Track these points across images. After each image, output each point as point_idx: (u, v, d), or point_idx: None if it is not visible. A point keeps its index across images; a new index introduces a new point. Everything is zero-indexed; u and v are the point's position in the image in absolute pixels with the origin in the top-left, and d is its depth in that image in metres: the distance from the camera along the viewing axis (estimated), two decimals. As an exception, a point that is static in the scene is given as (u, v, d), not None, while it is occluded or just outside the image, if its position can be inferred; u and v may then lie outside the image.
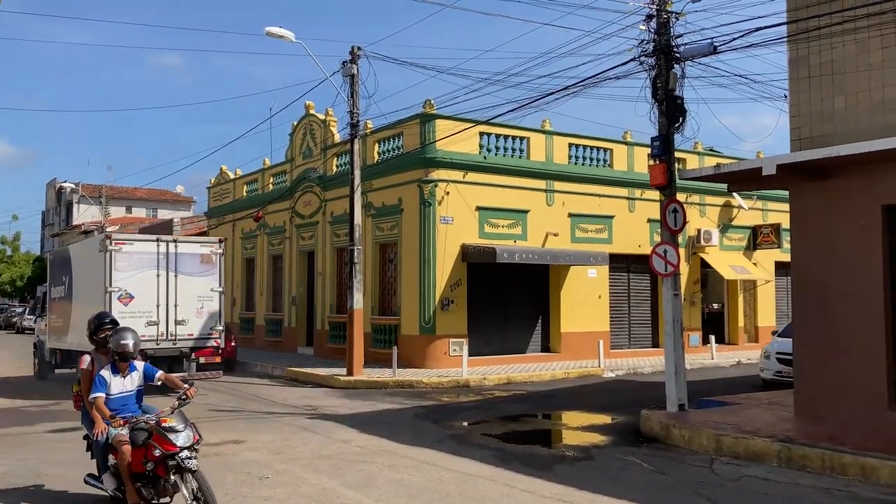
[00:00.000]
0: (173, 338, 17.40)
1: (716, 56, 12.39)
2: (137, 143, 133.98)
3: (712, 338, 24.37)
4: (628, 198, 24.61)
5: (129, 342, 7.13)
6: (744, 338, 27.30)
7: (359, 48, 19.32)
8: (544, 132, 23.14)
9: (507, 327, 22.72)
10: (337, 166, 25.41)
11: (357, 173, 19.87)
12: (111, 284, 16.70)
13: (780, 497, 8.19)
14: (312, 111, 27.13)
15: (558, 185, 23.13)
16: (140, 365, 7.37)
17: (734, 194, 25.48)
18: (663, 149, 12.91)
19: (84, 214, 62.96)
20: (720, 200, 26.60)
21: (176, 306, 17.30)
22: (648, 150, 15.17)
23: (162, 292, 17.26)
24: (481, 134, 21.77)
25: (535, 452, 10.81)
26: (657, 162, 13.05)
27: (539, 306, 23.36)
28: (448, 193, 21.08)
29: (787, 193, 12.31)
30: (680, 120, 12.88)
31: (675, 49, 12.80)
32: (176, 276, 17.41)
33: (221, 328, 18.18)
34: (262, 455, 10.40)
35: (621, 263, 24.55)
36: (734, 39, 11.96)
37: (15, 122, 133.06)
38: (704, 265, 26.37)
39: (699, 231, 25.82)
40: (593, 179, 23.86)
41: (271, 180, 30.35)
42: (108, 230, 47.26)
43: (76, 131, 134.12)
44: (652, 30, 12.90)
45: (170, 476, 6.70)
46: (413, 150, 21.36)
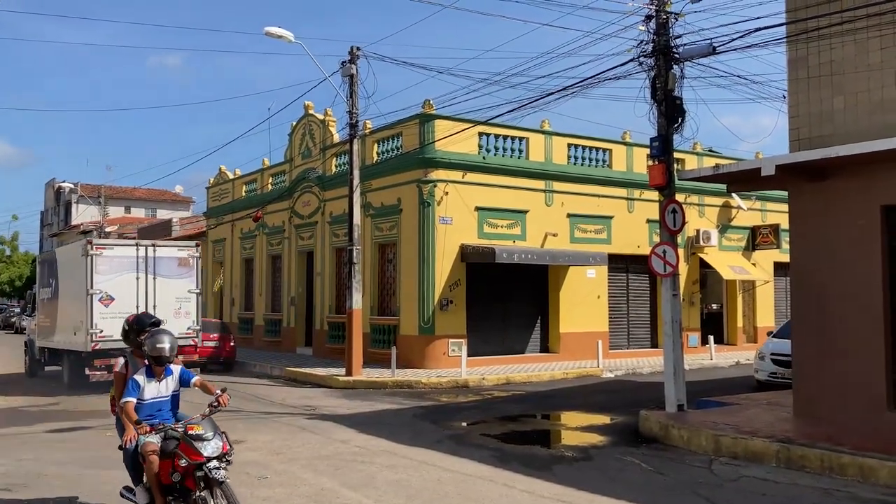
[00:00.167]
0: None
1: (715, 56, 12.40)
2: (136, 143, 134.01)
3: (711, 338, 24.39)
4: (627, 198, 24.62)
5: (166, 345, 6.58)
6: (743, 338, 27.32)
7: (358, 48, 19.33)
8: (543, 132, 23.15)
9: (506, 327, 22.73)
10: (336, 166, 25.41)
11: (356, 173, 19.88)
12: (92, 287, 17.38)
13: (779, 497, 8.19)
14: (311, 111, 27.12)
15: (557, 186, 23.13)
16: (176, 369, 6.86)
17: (733, 195, 25.50)
18: (662, 149, 12.92)
19: (83, 214, 62.94)
20: (719, 201, 26.61)
21: (155, 307, 17.77)
22: (647, 151, 15.21)
23: (141, 294, 17.91)
24: (480, 134, 21.78)
25: (534, 453, 10.81)
26: (656, 162, 13.05)
27: (538, 307, 23.37)
28: (447, 194, 21.08)
29: (787, 194, 12.32)
30: (679, 120, 12.88)
31: (675, 49, 12.81)
32: (154, 279, 18.07)
33: (199, 328, 18.85)
34: (261, 455, 10.39)
35: (620, 264, 24.56)
36: (733, 40, 11.97)
37: (14, 122, 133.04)
38: (703, 265, 26.39)
39: (698, 231, 25.84)
40: (592, 180, 23.87)
41: (270, 180, 30.34)
42: (107, 230, 47.35)
43: (75, 131, 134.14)
44: (651, 30, 12.91)
45: (198, 489, 6.18)
46: (412, 151, 21.36)
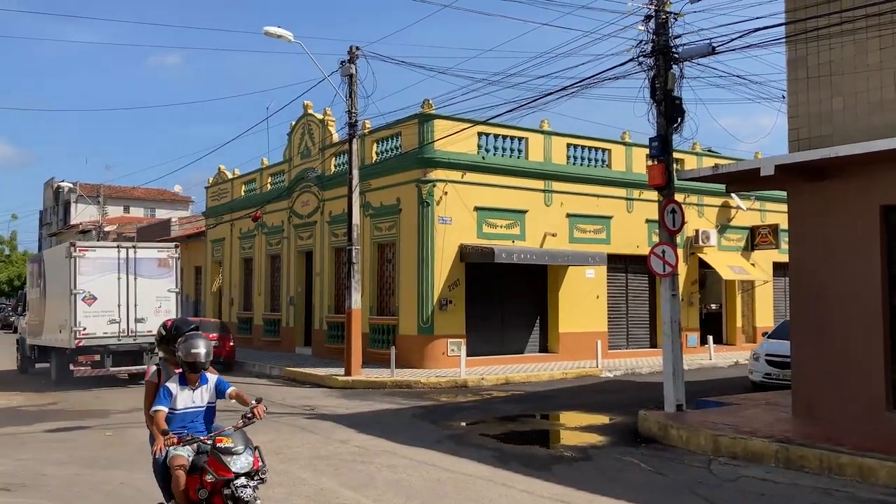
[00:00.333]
0: (134, 334, 18.84)
1: (714, 56, 12.41)
2: (135, 143, 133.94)
3: (710, 338, 24.40)
4: (626, 198, 24.62)
5: (201, 350, 6.00)
6: (742, 338, 27.33)
7: (357, 48, 19.33)
8: (543, 132, 23.15)
9: (506, 327, 22.72)
10: (335, 166, 25.41)
11: (355, 173, 19.88)
12: (76, 287, 18.22)
13: (778, 497, 8.20)
14: (311, 111, 27.11)
15: (557, 186, 23.13)
16: (212, 378, 6.24)
17: (732, 195, 25.50)
18: (662, 149, 12.92)
19: (82, 214, 62.89)
20: (718, 201, 26.62)
21: (136, 306, 18.72)
22: (647, 151, 15.23)
23: (122, 293, 18.70)
24: (480, 134, 21.77)
25: (534, 453, 10.82)
26: (655, 162, 13.06)
27: (537, 306, 23.37)
28: (446, 193, 21.08)
29: (786, 194, 12.33)
30: (678, 120, 12.89)
31: (674, 49, 12.81)
32: (135, 279, 18.84)
33: None
34: (261, 455, 10.37)
35: (619, 264, 24.56)
36: (733, 40, 11.98)
37: (13, 122, 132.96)
38: (703, 265, 26.40)
39: (697, 231, 25.85)
40: (591, 180, 23.87)
41: (269, 180, 30.33)
42: (106, 230, 47.35)
43: (74, 130, 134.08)
44: (650, 30, 12.91)
45: None
46: (411, 150, 21.35)
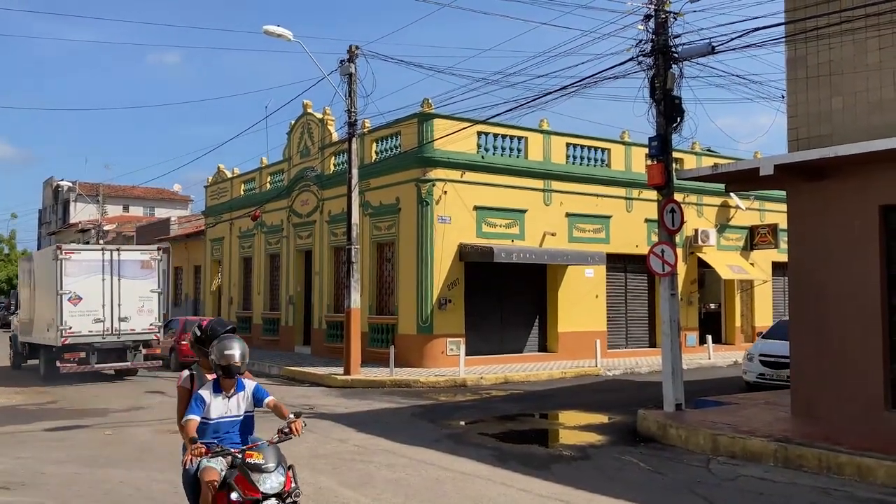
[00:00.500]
0: (118, 333, 19.67)
1: (714, 56, 12.41)
2: (135, 142, 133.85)
3: (709, 338, 24.42)
4: (626, 198, 24.63)
5: (235, 352, 5.49)
6: (741, 338, 27.34)
7: (357, 47, 19.32)
8: (542, 132, 23.15)
9: (505, 327, 22.73)
10: (334, 165, 25.41)
11: (355, 172, 19.87)
12: (62, 288, 19.00)
13: (777, 497, 8.20)
14: (310, 110, 27.10)
15: (556, 185, 23.13)
16: (249, 385, 5.71)
17: (732, 194, 25.50)
18: (661, 149, 12.93)
19: (81, 213, 62.83)
20: (717, 200, 26.63)
21: (119, 305, 19.53)
22: (646, 150, 15.23)
23: (107, 294, 19.48)
24: (479, 133, 21.78)
25: (533, 452, 10.82)
26: (655, 162, 13.06)
27: (536, 306, 23.37)
28: (446, 193, 21.08)
29: (785, 194, 12.34)
30: (678, 120, 12.90)
31: (673, 49, 12.82)
32: (119, 280, 19.62)
33: (161, 324, 20.67)
34: (260, 454, 10.37)
35: (619, 263, 24.57)
36: (732, 39, 11.98)
37: (13, 121, 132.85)
38: (702, 265, 26.41)
39: (697, 231, 25.85)
40: (591, 179, 23.87)
41: (269, 179, 30.33)
42: (105, 229, 47.33)
43: (74, 130, 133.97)
44: (650, 30, 12.92)
45: None
46: (411, 150, 21.35)
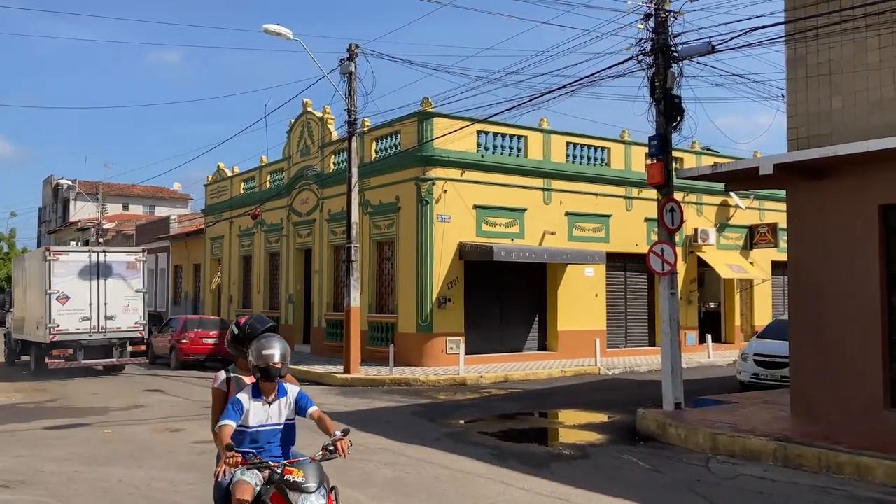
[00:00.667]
0: (104, 330, 20.48)
1: (714, 55, 12.41)
2: (135, 141, 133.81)
3: (709, 337, 24.44)
4: (625, 197, 24.63)
5: (276, 351, 4.85)
6: (740, 337, 27.34)
7: (356, 46, 19.31)
8: (542, 131, 23.14)
9: (504, 325, 22.73)
10: (334, 164, 25.40)
11: (354, 171, 19.87)
12: (50, 288, 19.85)
13: (777, 496, 8.21)
14: (310, 109, 27.10)
15: (556, 184, 23.13)
16: (292, 390, 5.12)
17: (731, 193, 25.50)
18: (661, 148, 12.93)
19: (81, 211, 62.78)
20: (717, 200, 26.63)
21: (105, 304, 20.40)
22: (646, 149, 15.23)
23: (93, 293, 20.31)
24: (479, 132, 21.77)
25: (532, 450, 10.83)
26: (655, 161, 13.06)
27: (536, 305, 23.38)
28: (445, 191, 21.08)
29: (785, 193, 12.34)
30: (678, 119, 12.90)
31: (673, 48, 12.82)
32: (105, 280, 20.50)
33: (145, 322, 21.53)
34: (259, 452, 10.38)
35: (618, 262, 24.57)
36: (732, 39, 11.99)
37: (12, 120, 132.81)
38: (701, 264, 26.41)
39: (696, 230, 25.86)
40: (591, 178, 23.87)
41: (268, 178, 30.34)
42: (105, 227, 47.32)
43: (73, 128, 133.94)
44: (650, 29, 12.92)
45: None
46: (410, 148, 21.35)
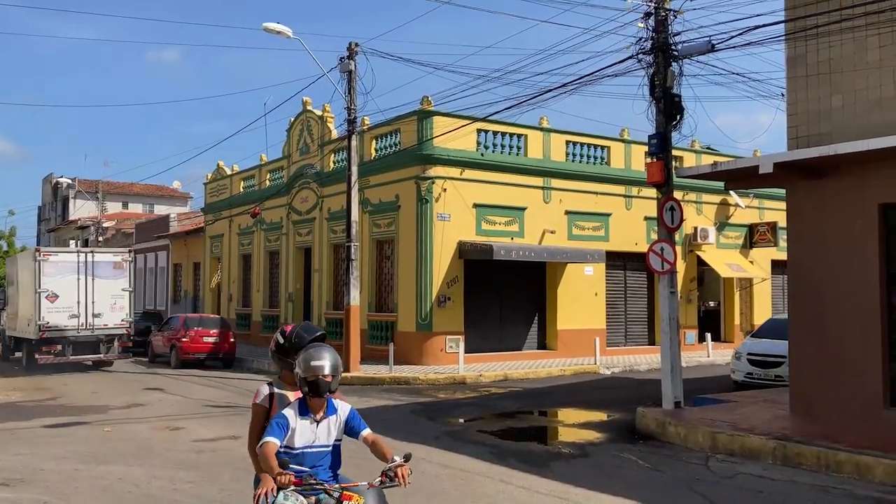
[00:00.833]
0: (91, 327, 21.45)
1: (713, 54, 12.41)
2: (134, 139, 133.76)
3: (708, 335, 24.45)
4: (625, 195, 24.63)
5: (325, 363, 4.26)
6: (740, 336, 27.29)
7: (356, 44, 19.30)
8: (542, 129, 23.14)
9: (504, 324, 22.74)
10: (334, 163, 25.40)
11: (354, 170, 19.86)
12: (40, 286, 20.84)
13: (776, 494, 8.21)
14: (310, 107, 27.09)
15: (555, 183, 23.12)
16: (343, 407, 4.48)
17: (731, 192, 25.51)
18: (661, 146, 12.93)
19: (80, 210, 62.74)
20: (717, 198, 26.63)
21: (93, 303, 21.38)
22: (646, 148, 15.23)
23: (82, 292, 21.30)
24: (479, 131, 21.77)
25: (532, 449, 10.83)
26: (654, 159, 13.06)
27: (536, 303, 23.38)
28: (445, 190, 21.08)
29: (784, 192, 12.34)
30: (677, 118, 12.89)
31: (673, 47, 12.81)
32: (93, 280, 21.46)
33: (131, 319, 22.49)
34: (259, 451, 10.37)
35: (618, 261, 24.58)
36: (732, 37, 11.98)
37: (12, 118, 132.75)
38: (701, 263, 26.42)
39: (696, 229, 25.86)
40: (590, 177, 23.87)
41: (268, 176, 30.33)
42: (105, 225, 47.31)
43: (73, 127, 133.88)
44: (650, 27, 12.91)
45: None
46: (410, 147, 21.35)
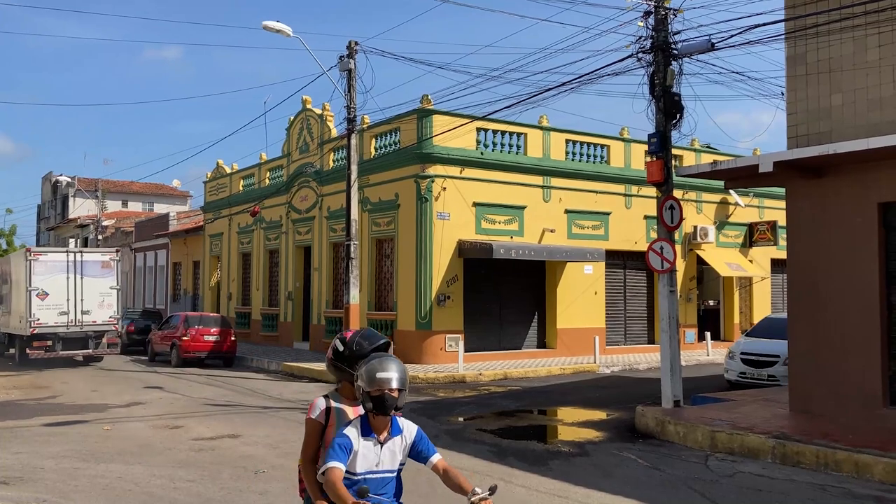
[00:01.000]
0: (80, 324, 22.30)
1: (713, 53, 12.40)
2: (134, 137, 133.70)
3: (708, 334, 24.47)
4: (625, 194, 24.64)
5: (393, 374, 3.70)
6: (739, 334, 27.32)
7: (356, 43, 19.27)
8: (541, 128, 23.13)
9: (504, 323, 22.74)
10: (333, 161, 25.40)
11: (354, 168, 19.84)
12: (31, 285, 21.69)
13: (775, 493, 8.22)
14: (309, 106, 27.10)
15: (555, 182, 23.12)
16: (409, 428, 3.92)
17: (731, 191, 25.51)
18: (660, 145, 12.92)
19: (80, 208, 62.77)
20: (717, 197, 26.64)
21: (82, 300, 22.25)
22: (645, 147, 15.20)
23: (71, 290, 22.17)
24: (478, 130, 21.76)
25: (531, 448, 10.83)
26: (654, 158, 13.06)
27: (535, 302, 23.39)
28: (445, 189, 21.07)
29: (784, 191, 12.35)
30: (677, 116, 12.89)
31: (673, 46, 12.81)
32: (82, 278, 22.31)
33: (119, 317, 23.28)
34: (258, 449, 10.40)
35: (617, 260, 24.59)
36: (732, 36, 11.98)
37: (11, 116, 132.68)
38: (701, 262, 26.42)
39: (695, 228, 25.86)
40: (590, 176, 23.87)
41: (268, 175, 30.33)
42: (105, 224, 47.28)
43: (73, 125, 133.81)
44: (650, 26, 12.91)
45: None
46: (410, 146, 21.34)
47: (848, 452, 8.99)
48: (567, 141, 23.76)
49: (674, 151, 14.11)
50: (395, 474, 3.86)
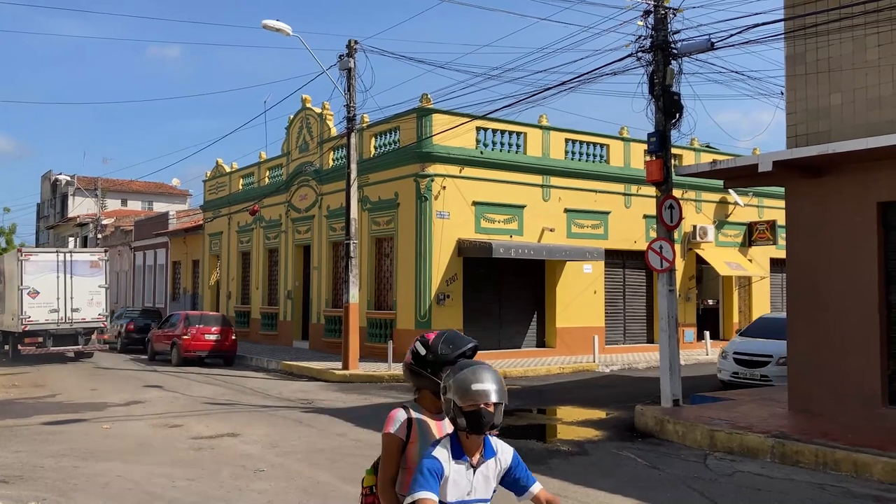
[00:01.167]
0: (70, 321, 23.29)
1: (713, 52, 12.41)
2: (133, 136, 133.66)
3: (707, 334, 24.47)
4: (624, 193, 24.64)
5: (490, 386, 3.17)
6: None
7: (356, 42, 19.29)
8: (541, 127, 23.14)
9: (503, 322, 22.75)
10: (333, 160, 25.39)
11: (353, 167, 19.86)
12: (22, 284, 22.61)
13: (774, 492, 8.23)
14: (309, 105, 27.09)
15: (555, 181, 23.13)
16: (505, 450, 3.44)
17: (730, 191, 25.52)
18: (660, 145, 12.93)
19: (79, 207, 62.75)
20: (716, 197, 26.64)
21: (72, 298, 23.21)
22: (645, 146, 15.21)
23: (61, 289, 23.15)
24: (478, 129, 21.76)
25: (530, 447, 10.83)
26: (653, 158, 13.06)
27: (535, 301, 23.39)
28: (444, 188, 21.08)
29: (784, 190, 12.35)
30: (677, 116, 12.89)
31: (673, 45, 12.81)
32: (72, 277, 23.30)
33: (107, 314, 24.30)
34: (258, 448, 10.41)
35: (617, 259, 24.59)
36: (731, 36, 11.99)
37: (11, 115, 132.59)
38: (700, 261, 26.43)
39: (695, 227, 25.87)
40: (589, 175, 23.87)
41: (267, 174, 30.32)
42: (104, 223, 47.28)
43: (72, 123, 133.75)
44: (649, 25, 12.91)
45: None
46: (409, 145, 21.34)
47: (847, 452, 9.00)
48: (566, 140, 23.77)
49: (673, 151, 14.11)
50: (488, 502, 3.34)
